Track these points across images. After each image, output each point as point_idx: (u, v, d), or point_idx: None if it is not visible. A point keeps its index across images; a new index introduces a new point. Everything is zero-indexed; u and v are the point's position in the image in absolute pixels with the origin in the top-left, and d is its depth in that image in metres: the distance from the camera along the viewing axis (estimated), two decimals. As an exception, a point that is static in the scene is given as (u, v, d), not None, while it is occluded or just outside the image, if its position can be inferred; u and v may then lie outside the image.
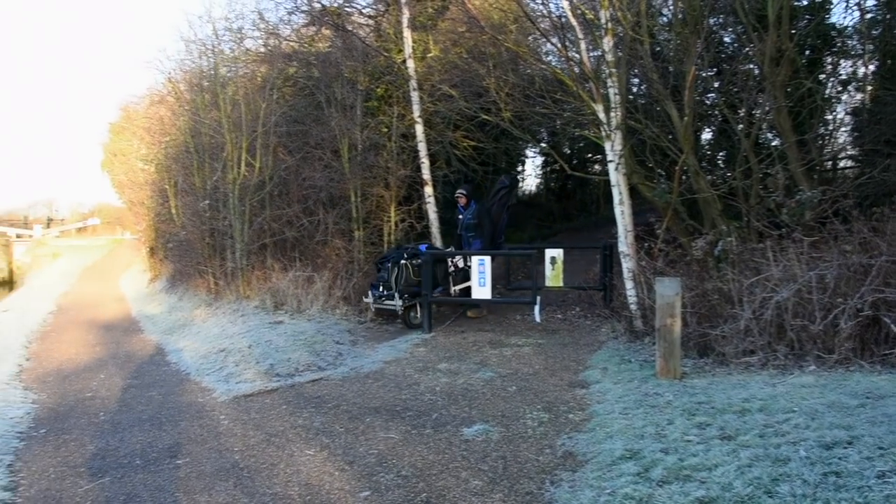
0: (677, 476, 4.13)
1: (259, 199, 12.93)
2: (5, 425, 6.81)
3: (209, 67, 14.54)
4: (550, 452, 5.10)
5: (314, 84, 13.96)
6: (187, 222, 15.16)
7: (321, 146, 13.20)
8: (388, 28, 14.40)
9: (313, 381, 7.77)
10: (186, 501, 4.71)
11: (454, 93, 12.32)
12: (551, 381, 7.16)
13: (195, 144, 14.43)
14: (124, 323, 14.60)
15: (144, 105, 21.96)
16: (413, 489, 4.63)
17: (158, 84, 19.31)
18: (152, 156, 21.01)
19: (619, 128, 8.71)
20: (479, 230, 11.33)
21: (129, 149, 24.99)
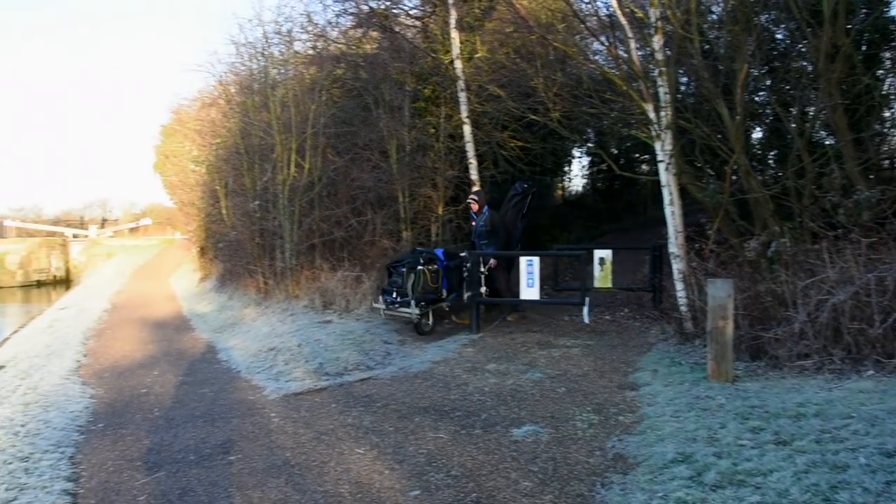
0: (731, 481, 4.08)
1: (308, 199, 13.07)
2: (66, 419, 7.01)
3: (259, 70, 14.75)
4: (601, 454, 5.08)
5: (362, 85, 14.06)
6: (237, 222, 15.39)
7: (369, 147, 13.29)
8: (435, 29, 14.43)
9: (362, 381, 7.84)
10: (240, 497, 4.79)
11: (502, 93, 12.29)
12: (600, 383, 7.12)
13: (245, 146, 14.65)
14: (176, 321, 14.88)
15: (196, 107, 22.36)
16: (463, 489, 4.65)
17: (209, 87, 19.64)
18: (203, 157, 21.38)
19: (670, 127, 8.62)
20: (491, 237, 11.01)
21: (181, 150, 25.47)
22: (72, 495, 5.02)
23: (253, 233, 14.27)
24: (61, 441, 6.30)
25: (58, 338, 13.08)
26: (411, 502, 4.53)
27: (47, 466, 5.59)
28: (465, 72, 12.84)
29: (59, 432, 6.56)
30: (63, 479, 5.32)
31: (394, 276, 10.69)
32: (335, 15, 15.17)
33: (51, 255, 43.07)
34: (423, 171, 13.17)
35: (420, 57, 13.98)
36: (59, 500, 4.87)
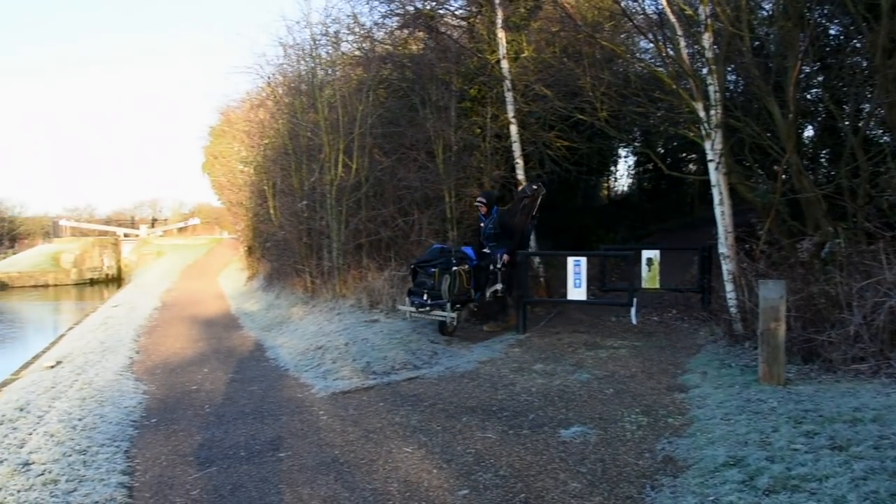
0: (785, 486, 4.02)
1: (355, 199, 13.18)
2: (120, 414, 7.18)
3: (307, 71, 14.92)
4: (650, 457, 5.04)
5: (408, 86, 14.12)
6: (285, 222, 15.58)
7: (416, 147, 13.35)
8: (481, 29, 14.43)
9: (409, 380, 7.88)
10: (290, 494, 4.85)
11: (548, 93, 12.24)
12: (649, 385, 7.06)
13: (293, 146, 14.82)
14: (224, 319, 15.12)
15: (244, 109, 22.65)
16: (511, 489, 4.65)
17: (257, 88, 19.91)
18: (251, 158, 21.67)
19: (720, 126, 8.50)
20: (500, 240, 10.69)
21: (229, 151, 25.83)
22: (128, 488, 5.14)
23: (300, 232, 14.44)
24: (116, 435, 6.46)
25: (111, 335, 13.37)
26: (460, 502, 4.54)
27: (104, 459, 5.73)
28: (511, 71, 12.81)
29: (115, 427, 6.72)
30: (119, 472, 5.46)
31: (421, 277, 10.30)
32: (381, 16, 15.29)
33: (103, 254, 44.09)
34: (469, 171, 13.18)
35: (466, 57, 13.99)
36: (115, 493, 4.99)
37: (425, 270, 10.22)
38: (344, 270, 12.97)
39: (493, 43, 13.39)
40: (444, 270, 9.94)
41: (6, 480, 5.19)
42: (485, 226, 10.91)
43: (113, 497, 4.92)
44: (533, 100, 12.98)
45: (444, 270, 9.93)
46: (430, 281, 10.05)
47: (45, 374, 9.98)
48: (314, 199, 14.00)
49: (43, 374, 10.12)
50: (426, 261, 10.36)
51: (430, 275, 10.07)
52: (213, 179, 30.17)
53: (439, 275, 9.96)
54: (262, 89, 19.10)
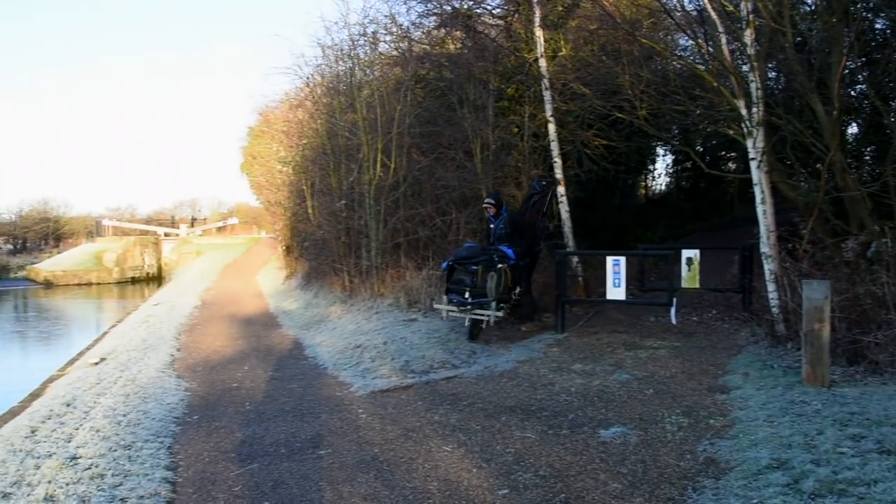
0: (831, 490, 3.95)
1: (394, 198, 13.22)
2: (163, 410, 7.29)
3: (345, 71, 15.01)
4: (691, 458, 4.99)
5: (446, 85, 14.15)
6: (323, 222, 15.68)
7: (453, 146, 13.36)
8: (519, 28, 14.41)
9: (448, 379, 7.89)
10: (330, 491, 4.89)
11: (587, 91, 12.17)
12: (689, 385, 6.99)
13: (332, 146, 14.92)
14: (263, 318, 15.26)
15: (283, 109, 22.84)
16: (551, 489, 4.64)
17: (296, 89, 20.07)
18: (290, 158, 21.85)
19: (761, 124, 8.38)
20: (512, 239, 10.34)
21: (268, 151, 26.07)
22: (171, 483, 5.22)
23: (339, 232, 14.53)
24: (160, 431, 6.56)
25: (152, 332, 13.57)
26: (500, 501, 4.54)
27: (148, 455, 5.83)
28: (549, 70, 12.75)
29: (158, 423, 6.83)
30: (163, 467, 5.54)
31: (459, 275, 9.96)
32: (418, 16, 15.34)
33: (144, 253, 44.79)
34: (507, 170, 13.18)
35: (503, 56, 13.98)
36: (160, 488, 5.07)
37: (465, 268, 9.93)
38: (382, 270, 13.02)
39: (530, 41, 13.36)
40: (488, 268, 9.65)
41: (55, 473, 5.31)
42: (495, 227, 10.62)
43: (157, 492, 5.00)
44: (571, 98, 12.92)
45: (490, 268, 9.63)
46: (471, 279, 9.79)
47: (89, 371, 10.18)
48: (352, 199, 14.08)
49: (88, 370, 10.33)
50: (466, 258, 10.02)
51: (472, 272, 9.81)
52: (252, 179, 30.50)
53: (483, 272, 9.68)
54: (300, 90, 19.26)
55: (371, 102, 13.61)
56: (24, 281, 43.13)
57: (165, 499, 4.91)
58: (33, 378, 11.78)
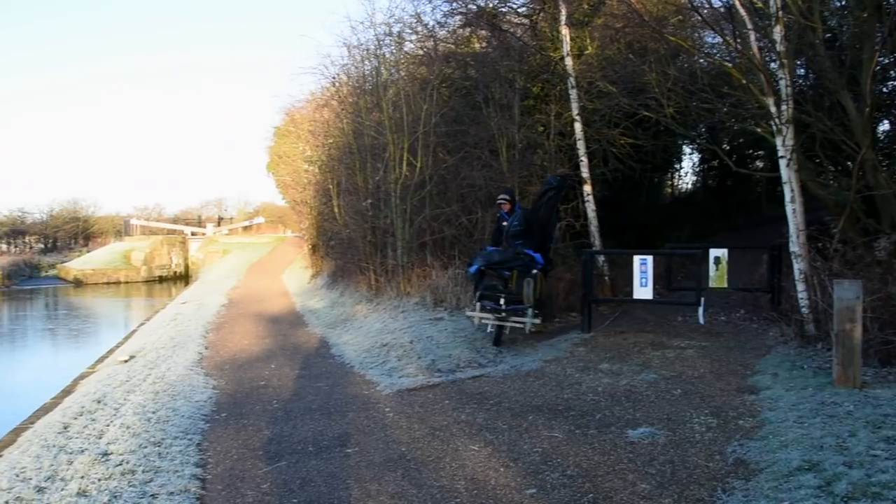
0: (865, 493, 3.90)
1: (420, 198, 13.25)
2: (192, 408, 7.36)
3: (371, 71, 15.05)
4: (720, 459, 4.95)
5: (471, 84, 14.14)
6: (350, 221, 15.73)
7: (479, 145, 13.35)
8: (544, 26, 14.37)
9: (474, 378, 7.90)
10: (358, 489, 4.91)
11: (613, 89, 12.11)
12: (718, 386, 6.93)
13: (358, 145, 14.97)
14: (289, 316, 15.35)
15: (309, 109, 22.95)
16: (579, 489, 4.63)
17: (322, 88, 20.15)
18: (316, 157, 21.95)
19: (791, 121, 8.29)
20: (527, 237, 9.91)
21: (294, 151, 26.20)
22: (201, 480, 5.28)
23: (365, 231, 14.57)
24: (189, 429, 6.63)
25: (180, 331, 13.71)
26: (527, 500, 4.54)
27: (178, 452, 5.89)
28: (575, 69, 12.71)
29: (187, 420, 6.90)
30: (192, 464, 5.61)
31: (490, 280, 9.61)
32: (444, 15, 15.33)
33: (171, 252, 45.28)
34: (533, 169, 13.14)
35: (529, 54, 13.95)
36: (189, 484, 5.13)
37: (498, 273, 9.63)
38: (408, 268, 13.05)
39: (556, 40, 13.32)
40: (523, 273, 9.35)
41: (88, 469, 5.39)
42: (508, 224, 10.10)
43: (187, 488, 5.06)
44: (597, 97, 12.87)
45: (525, 273, 9.33)
46: (504, 284, 9.51)
47: (119, 368, 10.30)
48: (379, 198, 14.13)
49: (117, 367, 10.45)
50: (498, 262, 9.66)
51: (505, 278, 9.55)
52: (278, 179, 30.69)
53: (518, 277, 9.41)
54: (326, 89, 19.34)
55: (397, 102, 13.64)
56: (55, 279, 43.80)
57: (195, 495, 4.97)
58: (64, 375, 11.96)
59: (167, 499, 4.85)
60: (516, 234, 9.95)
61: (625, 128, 13.23)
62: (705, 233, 19.28)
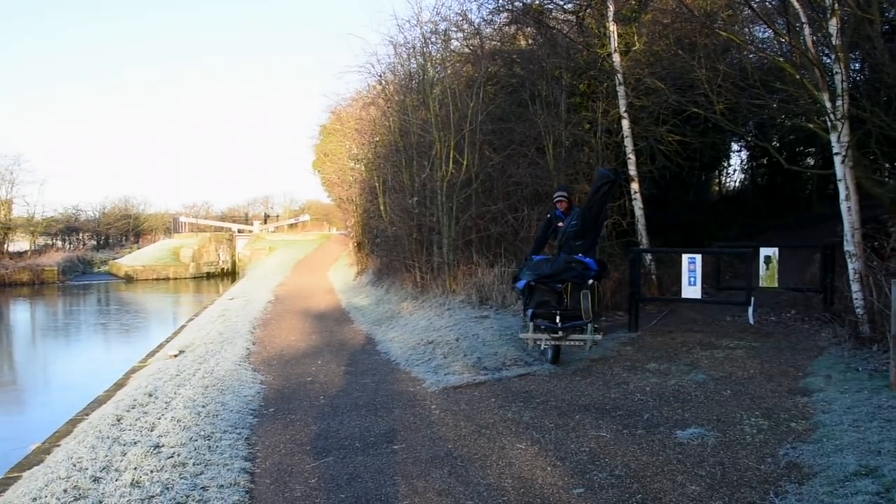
0: (926, 500, 3.80)
1: (466, 195, 13.25)
2: (241, 402, 7.46)
3: (417, 69, 15.09)
4: (772, 462, 4.86)
5: (517, 82, 14.09)
6: (395, 218, 15.82)
7: (525, 143, 13.30)
8: (591, 23, 14.25)
9: (520, 376, 7.87)
10: (405, 485, 4.92)
11: (661, 86, 11.96)
12: (768, 387, 6.81)
13: (404, 143, 15.03)
14: (335, 313, 15.47)
15: (356, 108, 23.11)
16: (627, 489, 4.58)
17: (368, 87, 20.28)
18: (362, 155, 22.09)
19: (846, 117, 8.09)
20: (585, 237, 8.78)
21: (340, 149, 26.39)
22: (250, 474, 5.35)
23: (411, 228, 14.63)
24: (237, 423, 6.72)
25: (228, 326, 13.90)
26: (575, 500, 4.51)
27: (227, 445, 5.98)
28: (622, 65, 12.58)
29: (235, 414, 6.99)
30: (241, 458, 5.68)
31: (542, 296, 8.40)
32: (490, 12, 15.34)
33: (219, 249, 45.97)
34: (580, 166, 13.03)
35: (575, 51, 13.85)
36: (239, 478, 5.19)
37: (550, 287, 8.39)
38: (454, 266, 13.06)
39: (603, 36, 13.20)
40: (578, 285, 8.26)
41: (141, 461, 5.50)
42: (566, 224, 8.88)
43: (237, 482, 5.12)
44: (645, 93, 12.72)
45: (580, 285, 8.24)
46: (558, 299, 8.37)
47: (169, 363, 10.50)
48: (425, 196, 14.17)
49: (168, 362, 10.65)
50: (550, 275, 8.38)
51: (558, 291, 8.37)
52: (324, 177, 30.94)
53: (573, 290, 8.32)
54: (372, 87, 19.46)
55: (443, 100, 13.66)
56: (107, 275, 44.78)
57: (244, 488, 5.03)
58: (116, 368, 12.24)
59: (217, 491, 4.92)
60: (575, 234, 8.79)
61: (672, 125, 13.06)
62: (754, 231, 18.91)
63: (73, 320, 25.49)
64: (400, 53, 15.92)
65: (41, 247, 48.20)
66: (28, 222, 46.66)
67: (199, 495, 4.84)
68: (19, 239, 47.33)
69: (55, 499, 4.91)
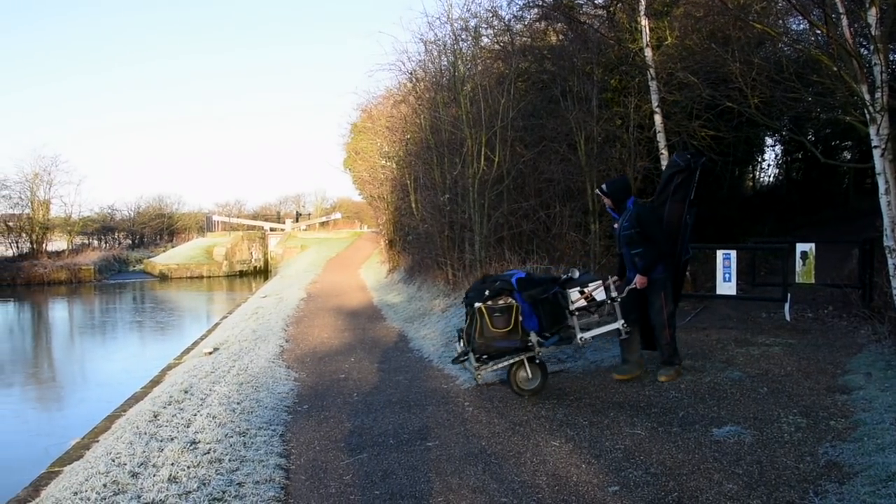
0: (973, 502, 3.72)
1: (497, 192, 13.25)
2: (275, 399, 7.53)
3: (448, 66, 15.11)
4: (811, 461, 4.78)
5: (548, 78, 14.04)
6: (427, 216, 15.87)
7: (557, 139, 13.25)
8: (622, 17, 14.14)
9: (554, 374, 7.83)
10: (439, 482, 4.93)
11: (694, 80, 11.82)
12: (806, 385, 6.70)
13: (435, 141, 15.07)
14: (367, 311, 15.55)
15: (387, 105, 23.20)
16: (663, 487, 4.54)
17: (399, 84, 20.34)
18: (393, 153, 22.17)
19: (886, 109, 7.93)
20: (647, 244, 7.07)
21: (371, 147, 26.51)
22: (285, 470, 5.40)
23: (442, 226, 14.66)
24: (272, 420, 6.78)
25: (262, 324, 14.03)
26: (610, 498, 4.48)
27: (262, 442, 6.04)
28: (654, 60, 12.44)
29: (270, 411, 7.06)
30: (276, 454, 5.74)
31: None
32: (520, 9, 15.28)
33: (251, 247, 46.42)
34: (612, 162, 12.94)
35: (606, 47, 13.74)
36: (274, 474, 5.25)
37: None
38: (486, 263, 13.06)
39: (634, 31, 13.07)
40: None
41: (178, 457, 5.57)
42: (619, 226, 7.41)
43: (272, 478, 5.17)
44: (678, 88, 12.57)
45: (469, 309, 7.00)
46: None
47: (204, 360, 10.62)
48: (456, 193, 14.19)
49: (203, 359, 10.77)
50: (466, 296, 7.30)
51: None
52: (355, 175, 31.10)
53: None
54: (403, 85, 19.51)
55: (474, 96, 13.67)
56: (142, 274, 45.40)
57: (279, 485, 5.07)
58: (152, 366, 12.42)
59: (253, 487, 4.97)
60: (629, 239, 7.19)
61: (706, 119, 12.90)
62: (789, 227, 18.65)
63: (109, 318, 25.89)
64: (430, 51, 15.98)
65: (78, 246, 48.93)
66: (65, 222, 47.44)
67: (236, 491, 4.89)
68: (57, 238, 48.10)
69: (95, 493, 4.99)
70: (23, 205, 43.83)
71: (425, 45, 16.15)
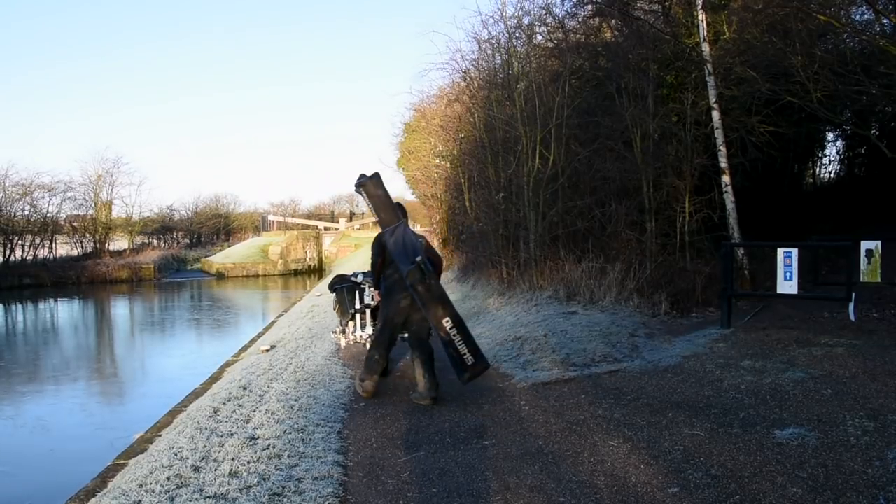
0: None
1: (552, 190, 13.19)
2: (332, 397, 7.59)
3: (502, 64, 15.10)
4: (880, 466, 4.65)
5: (603, 75, 13.91)
6: (481, 214, 15.86)
7: (612, 137, 13.12)
8: (678, 12, 13.94)
9: (610, 373, 7.76)
10: (496, 481, 4.92)
11: (753, 74, 11.58)
12: (873, 387, 6.51)
13: (489, 139, 15.05)
14: (422, 309, 15.55)
15: (440, 104, 23.24)
16: (724, 490, 4.46)
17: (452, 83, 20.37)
18: (447, 152, 22.21)
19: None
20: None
21: (424, 146, 26.59)
22: (342, 467, 5.42)
23: (497, 224, 14.64)
24: (329, 417, 6.83)
25: (317, 322, 14.17)
26: (670, 500, 4.42)
27: (320, 439, 6.09)
28: (711, 55, 12.23)
29: (327, 409, 7.11)
30: (334, 451, 5.77)
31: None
32: (573, 5, 15.18)
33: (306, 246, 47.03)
34: (668, 159, 12.75)
35: (662, 42, 13.56)
36: (332, 471, 5.28)
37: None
38: (541, 262, 13.01)
39: (691, 26, 12.89)
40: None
41: (238, 452, 5.66)
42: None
43: (330, 474, 5.20)
44: (736, 83, 12.34)
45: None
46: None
47: (261, 357, 10.77)
48: (511, 191, 14.16)
49: (260, 356, 10.93)
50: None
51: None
52: (408, 174, 31.20)
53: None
54: (456, 84, 19.54)
55: (528, 94, 13.62)
56: (199, 272, 46.34)
57: (338, 481, 5.10)
58: (211, 362, 12.67)
59: (312, 483, 5.01)
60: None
61: (765, 115, 12.63)
62: (852, 224, 18.16)
63: (168, 316, 26.49)
64: (484, 49, 15.97)
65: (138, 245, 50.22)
66: (126, 222, 48.66)
67: (295, 486, 4.94)
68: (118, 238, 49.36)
69: (159, 486, 5.10)
70: (87, 206, 45.21)
71: (479, 44, 16.17)
